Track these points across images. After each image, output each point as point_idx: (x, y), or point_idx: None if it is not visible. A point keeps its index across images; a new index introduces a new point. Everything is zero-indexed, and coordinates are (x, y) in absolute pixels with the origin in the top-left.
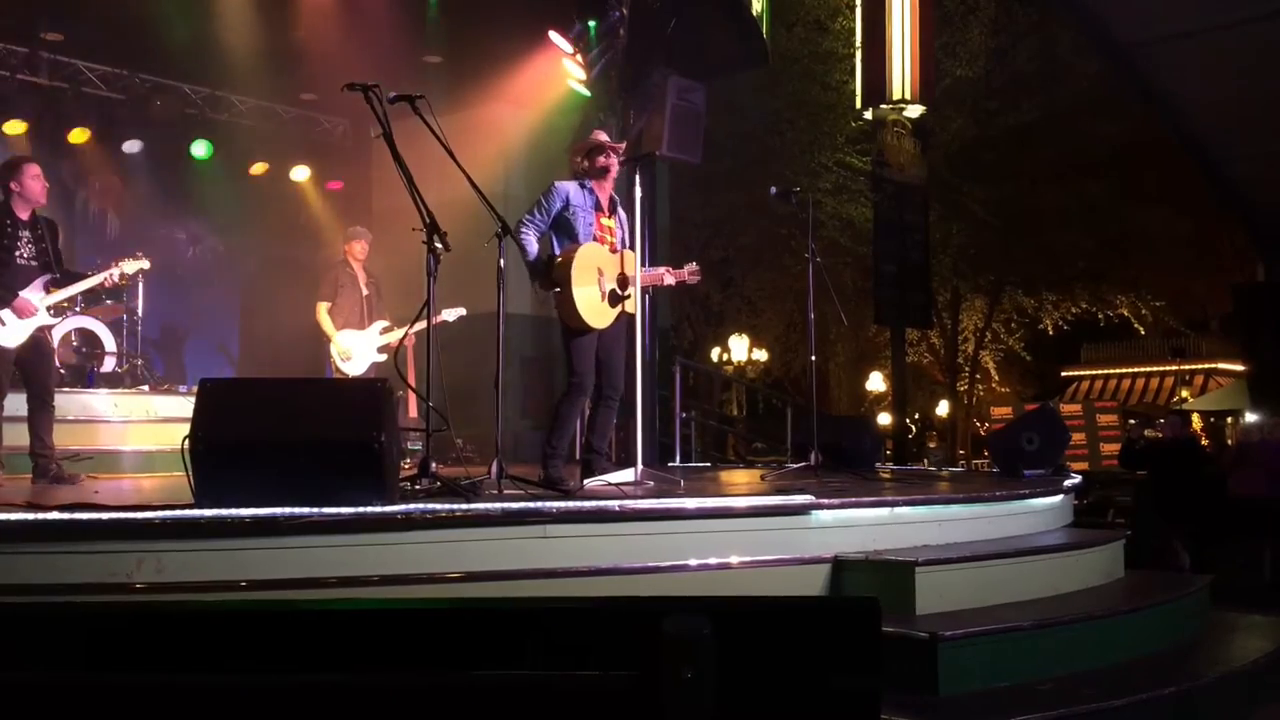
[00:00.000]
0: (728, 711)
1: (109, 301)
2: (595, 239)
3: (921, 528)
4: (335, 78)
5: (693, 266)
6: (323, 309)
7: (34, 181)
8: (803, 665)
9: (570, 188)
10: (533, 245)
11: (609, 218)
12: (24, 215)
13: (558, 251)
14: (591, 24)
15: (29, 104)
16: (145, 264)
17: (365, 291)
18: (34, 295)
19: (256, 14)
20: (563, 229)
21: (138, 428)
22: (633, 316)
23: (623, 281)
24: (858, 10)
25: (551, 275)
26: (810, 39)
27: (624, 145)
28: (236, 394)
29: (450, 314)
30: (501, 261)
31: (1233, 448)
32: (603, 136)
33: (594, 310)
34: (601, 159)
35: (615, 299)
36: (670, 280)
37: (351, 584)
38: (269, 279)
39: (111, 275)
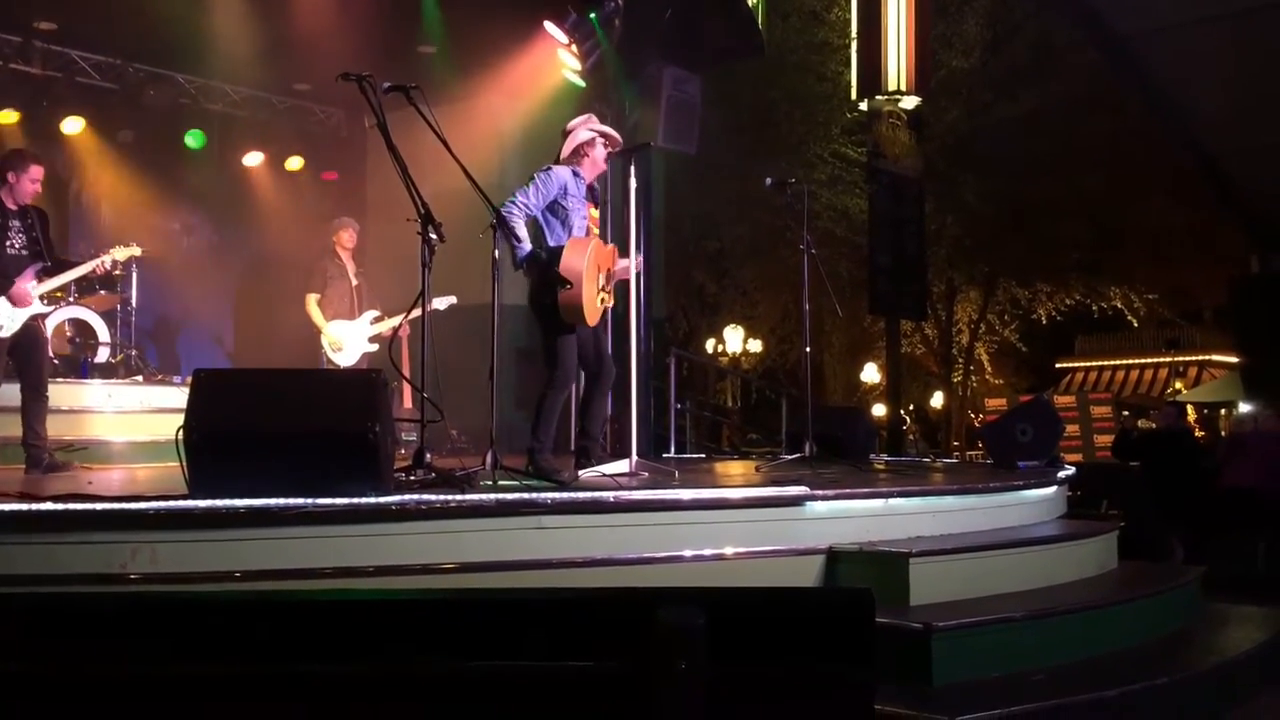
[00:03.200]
0: (721, 702)
1: (103, 292)
2: (587, 231)
3: (916, 519)
4: (329, 68)
5: (639, 258)
6: (312, 300)
7: (31, 184)
8: (796, 656)
9: (567, 175)
10: (523, 231)
11: (595, 208)
12: (13, 206)
13: (550, 240)
14: (592, 16)
15: (22, 93)
16: (136, 251)
17: (355, 282)
18: (28, 284)
19: (250, 3)
20: (557, 217)
21: (132, 418)
22: (609, 306)
23: (607, 276)
24: (853, 1)
25: (555, 269)
26: (806, 30)
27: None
28: (231, 385)
29: (440, 302)
30: (496, 253)
31: (1226, 439)
32: (600, 125)
33: (593, 308)
34: (606, 150)
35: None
36: (631, 273)
37: (346, 575)
38: (263, 270)
39: (103, 263)
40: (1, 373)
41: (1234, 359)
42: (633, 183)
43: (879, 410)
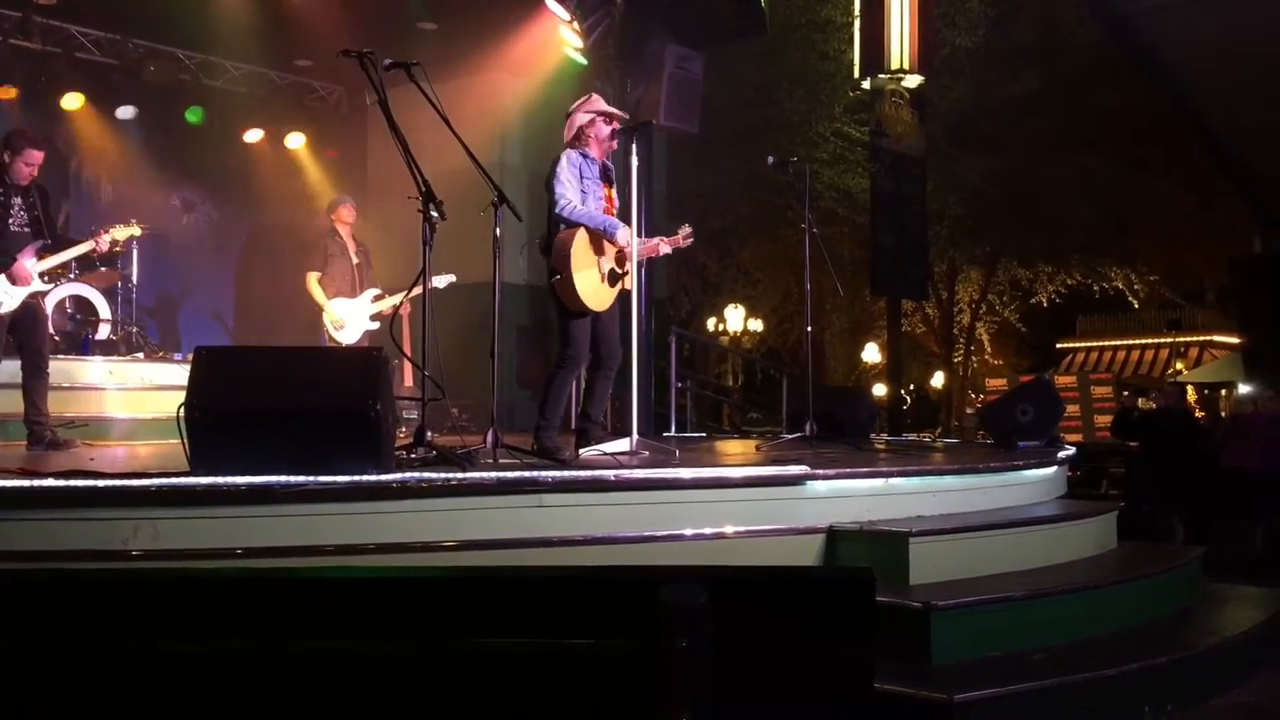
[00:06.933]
0: (723, 680)
1: (104, 269)
2: (603, 212)
3: (916, 499)
4: (330, 44)
5: (686, 230)
6: (313, 279)
7: (25, 167)
8: (798, 634)
9: (579, 159)
10: (584, 208)
11: (610, 188)
12: (13, 183)
13: (563, 224)
14: None
15: (21, 69)
16: (137, 230)
17: (355, 260)
18: (27, 262)
19: None
20: None
21: (133, 395)
22: (628, 290)
23: (621, 259)
24: None
25: (549, 260)
26: (809, 7)
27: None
28: (232, 362)
29: (440, 281)
30: (497, 231)
31: (1226, 420)
32: (602, 103)
33: (595, 293)
34: (610, 128)
35: (615, 278)
36: (666, 249)
37: (347, 552)
38: (264, 247)
39: (102, 241)
40: (2, 349)
41: (1235, 340)
42: (634, 161)
43: (880, 390)
